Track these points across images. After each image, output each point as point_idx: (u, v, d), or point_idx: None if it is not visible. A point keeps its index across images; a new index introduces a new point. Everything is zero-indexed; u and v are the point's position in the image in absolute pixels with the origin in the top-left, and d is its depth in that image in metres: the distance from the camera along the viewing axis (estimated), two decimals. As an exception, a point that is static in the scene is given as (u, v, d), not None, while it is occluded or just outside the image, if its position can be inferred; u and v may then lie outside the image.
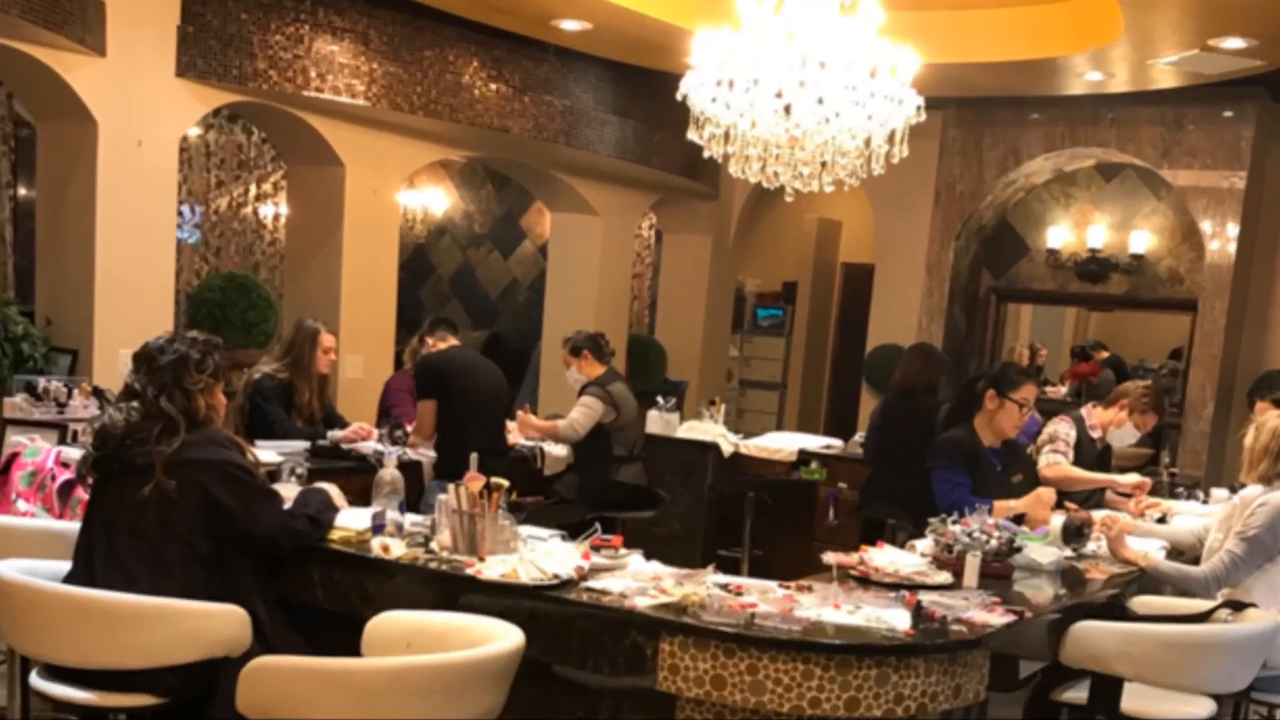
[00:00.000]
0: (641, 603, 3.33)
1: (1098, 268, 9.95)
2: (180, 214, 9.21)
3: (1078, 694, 3.92)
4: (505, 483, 3.82)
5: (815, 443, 7.92)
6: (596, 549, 3.76)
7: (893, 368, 7.32)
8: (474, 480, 3.81)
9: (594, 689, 3.58)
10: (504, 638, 3.13)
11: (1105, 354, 11.03)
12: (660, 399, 8.11)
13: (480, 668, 3.03)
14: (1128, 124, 9.19)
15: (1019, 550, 4.20)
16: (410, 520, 4.08)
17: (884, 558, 4.05)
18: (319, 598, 3.81)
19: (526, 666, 3.18)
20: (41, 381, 5.77)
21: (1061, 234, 10.12)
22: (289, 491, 3.98)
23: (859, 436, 7.62)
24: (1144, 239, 9.80)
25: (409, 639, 3.26)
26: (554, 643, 3.43)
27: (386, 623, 3.35)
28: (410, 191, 12.10)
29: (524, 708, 3.37)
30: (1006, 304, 10.79)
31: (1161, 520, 5.40)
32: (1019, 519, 4.61)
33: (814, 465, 7.54)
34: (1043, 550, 4.29)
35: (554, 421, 6.68)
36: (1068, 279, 10.17)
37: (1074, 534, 4.48)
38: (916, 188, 9.77)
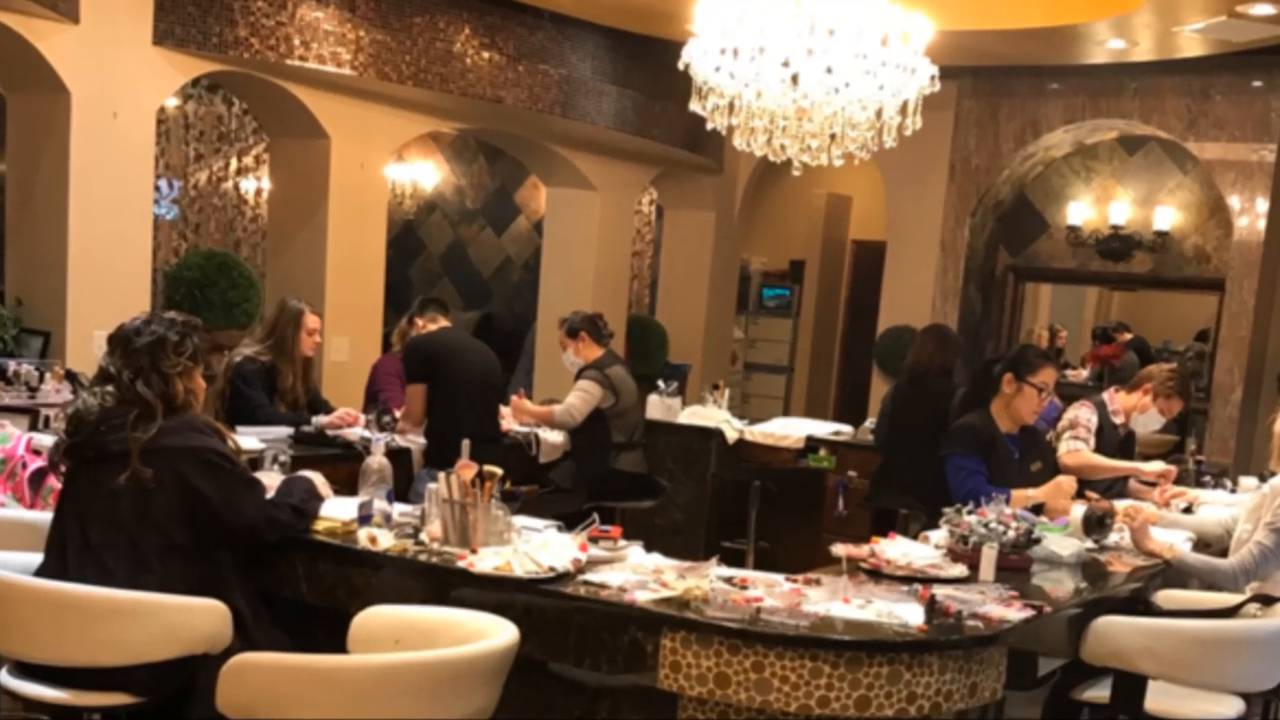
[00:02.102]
0: (642, 597, 3.32)
1: (1120, 245, 9.93)
2: (157, 189, 9.20)
3: (1099, 693, 3.91)
4: (499, 471, 3.81)
5: (824, 429, 7.91)
6: (594, 540, 3.75)
7: (905, 350, 7.32)
8: (466, 468, 3.80)
9: (592, 687, 3.57)
10: (497, 634, 3.12)
11: (1128, 336, 11.03)
12: (661, 383, 8.11)
13: (472, 665, 3.02)
14: (1152, 94, 9.17)
15: (1038, 542, 4.19)
16: (399, 510, 4.07)
17: (896, 550, 4.04)
18: (303, 592, 3.81)
19: (521, 664, 3.17)
20: (12, 365, 5.77)
21: (1082, 210, 10.11)
22: (271, 480, 3.97)
23: (869, 422, 7.61)
24: (1169, 215, 9.78)
25: (397, 635, 3.25)
26: (550, 639, 3.42)
27: (374, 618, 3.34)
28: (399, 165, 12.08)
29: (518, 707, 3.37)
30: (1025, 283, 10.78)
31: (1187, 510, 5.40)
32: (1038, 509, 4.60)
33: (822, 453, 7.54)
34: (1063, 542, 4.29)
35: (550, 407, 6.67)
36: (1089, 257, 10.15)
37: (1095, 525, 4.47)
38: (930, 161, 9.75)
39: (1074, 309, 11.95)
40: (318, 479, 4.04)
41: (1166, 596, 4.35)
